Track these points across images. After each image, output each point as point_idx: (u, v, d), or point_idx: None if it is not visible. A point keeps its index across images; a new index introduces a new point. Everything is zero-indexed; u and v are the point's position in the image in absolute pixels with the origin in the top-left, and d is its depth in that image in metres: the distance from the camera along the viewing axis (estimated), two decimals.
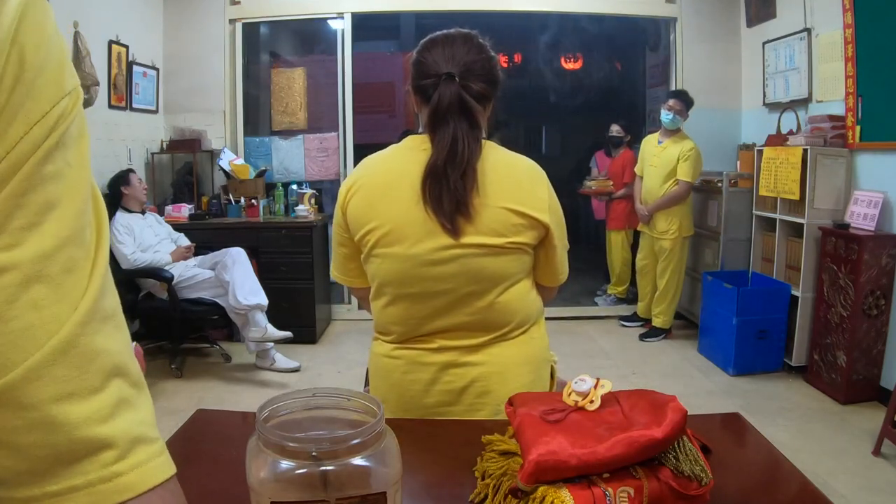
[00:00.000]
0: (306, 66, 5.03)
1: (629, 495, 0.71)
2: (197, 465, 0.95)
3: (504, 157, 1.25)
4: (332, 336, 4.53)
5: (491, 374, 1.23)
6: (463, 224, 1.15)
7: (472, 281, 1.18)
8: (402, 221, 1.18)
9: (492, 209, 1.17)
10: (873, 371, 3.23)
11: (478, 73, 1.21)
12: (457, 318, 1.21)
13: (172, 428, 1.08)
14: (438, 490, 0.84)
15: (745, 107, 4.74)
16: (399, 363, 1.25)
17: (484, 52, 1.23)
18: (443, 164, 1.14)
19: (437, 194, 1.14)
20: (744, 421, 1.10)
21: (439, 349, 1.22)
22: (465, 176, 1.15)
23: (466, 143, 1.16)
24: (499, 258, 1.18)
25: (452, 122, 1.16)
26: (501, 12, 4.81)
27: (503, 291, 1.21)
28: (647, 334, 4.43)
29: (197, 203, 4.55)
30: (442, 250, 1.16)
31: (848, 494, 2.40)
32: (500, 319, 1.23)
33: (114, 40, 3.96)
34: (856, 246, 3.16)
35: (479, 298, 1.20)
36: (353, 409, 0.70)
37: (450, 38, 1.23)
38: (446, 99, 1.16)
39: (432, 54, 1.21)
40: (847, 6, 3.41)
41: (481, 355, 1.23)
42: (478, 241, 1.16)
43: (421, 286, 1.19)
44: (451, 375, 1.22)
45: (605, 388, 0.83)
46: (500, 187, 1.18)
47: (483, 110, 1.25)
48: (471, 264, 1.17)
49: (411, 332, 1.24)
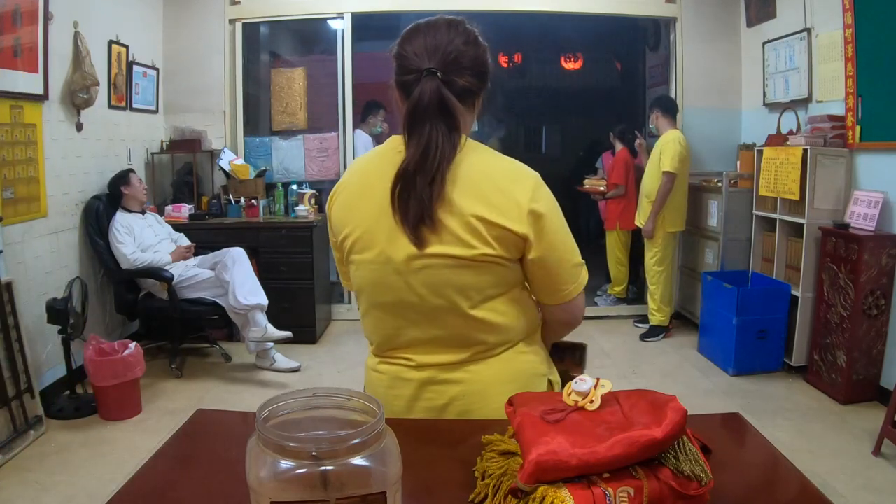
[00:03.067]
0: (306, 66, 5.03)
1: (629, 495, 0.71)
2: (197, 465, 0.95)
3: (483, 159, 1.12)
4: (332, 336, 4.53)
5: (470, 394, 1.15)
6: (427, 234, 1.07)
7: (438, 294, 1.10)
8: (373, 227, 1.11)
9: (459, 218, 1.06)
10: (873, 371, 3.23)
11: (465, 66, 1.11)
12: (430, 331, 1.14)
13: (172, 428, 1.08)
14: (438, 490, 0.84)
15: (745, 107, 4.74)
16: (383, 378, 1.20)
17: (471, 41, 1.13)
18: (413, 171, 1.06)
19: (405, 201, 1.06)
20: (744, 421, 1.10)
21: (419, 366, 1.16)
22: (434, 183, 1.05)
23: (439, 148, 1.06)
24: (466, 271, 1.08)
25: (429, 124, 1.07)
26: (501, 12, 4.80)
27: (477, 306, 1.11)
28: (647, 334, 4.43)
29: (197, 203, 4.55)
30: (410, 260, 1.09)
31: (848, 494, 2.40)
32: (476, 335, 1.14)
33: (114, 40, 3.96)
34: (856, 246, 3.16)
35: (449, 312, 1.11)
36: (353, 409, 0.70)
37: (432, 26, 1.12)
38: (425, 98, 1.07)
39: (413, 45, 1.11)
40: (847, 6, 3.41)
41: (461, 373, 1.15)
42: (441, 251, 1.07)
43: (393, 295, 1.13)
44: (431, 393, 1.16)
45: (605, 388, 0.83)
46: (471, 194, 1.07)
47: (470, 107, 1.16)
48: (436, 276, 1.09)
49: (388, 342, 1.19)
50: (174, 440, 1.02)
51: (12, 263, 2.99)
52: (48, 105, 3.30)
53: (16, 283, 2.87)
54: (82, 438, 2.88)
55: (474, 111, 1.19)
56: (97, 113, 3.75)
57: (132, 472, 0.91)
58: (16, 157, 3.04)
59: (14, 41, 3.01)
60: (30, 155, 3.15)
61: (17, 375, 2.79)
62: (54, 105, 3.37)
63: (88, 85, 3.50)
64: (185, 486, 0.88)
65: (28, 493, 2.41)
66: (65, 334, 3.07)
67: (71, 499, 2.39)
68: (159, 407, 3.27)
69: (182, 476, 0.92)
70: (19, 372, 2.80)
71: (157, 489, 0.87)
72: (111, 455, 2.74)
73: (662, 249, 4.31)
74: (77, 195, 3.62)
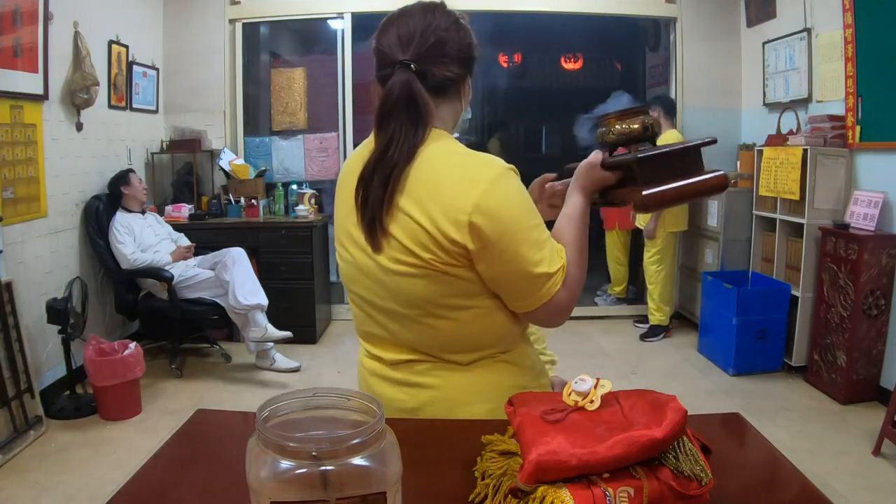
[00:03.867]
0: (306, 66, 5.03)
1: (629, 495, 0.71)
2: (197, 465, 0.95)
3: (437, 155, 1.01)
4: (332, 336, 4.53)
5: (438, 401, 1.09)
6: (380, 238, 1.01)
7: (396, 300, 1.04)
8: (346, 223, 1.09)
9: (404, 223, 0.99)
10: (873, 371, 3.23)
11: (445, 54, 1.03)
12: (391, 327, 1.09)
13: (172, 428, 1.08)
14: (438, 490, 0.84)
15: (745, 107, 4.74)
16: (364, 373, 1.19)
17: (451, 25, 1.04)
18: (371, 171, 1.01)
19: (364, 203, 1.02)
20: (744, 421, 1.10)
21: (392, 363, 1.12)
22: (387, 185, 0.99)
23: (398, 147, 0.99)
24: (417, 280, 1.00)
25: (395, 121, 1.00)
26: (501, 12, 4.81)
27: (434, 316, 1.03)
28: (647, 334, 4.44)
29: (197, 203, 4.55)
30: (369, 261, 1.05)
31: (848, 494, 2.40)
32: (441, 345, 1.07)
33: (114, 40, 3.96)
34: (856, 246, 3.16)
35: (405, 318, 1.05)
36: (353, 409, 0.70)
37: (406, 14, 1.05)
38: (394, 92, 1.00)
39: (388, 37, 1.04)
40: (847, 6, 3.41)
41: (431, 378, 1.09)
42: (391, 257, 1.01)
43: (363, 291, 1.10)
44: (404, 394, 1.11)
45: (605, 388, 0.83)
46: (414, 197, 0.99)
47: (454, 96, 1.09)
48: (391, 282, 1.03)
49: (364, 336, 1.18)
50: (174, 440, 1.02)
51: (12, 263, 2.99)
52: (48, 105, 3.30)
53: (16, 283, 2.88)
54: (82, 438, 2.88)
55: (461, 99, 1.11)
56: (97, 113, 3.75)
57: (132, 472, 0.91)
58: (16, 157, 3.04)
59: (14, 41, 3.01)
60: (30, 155, 3.15)
61: (17, 375, 2.79)
62: (54, 105, 3.37)
63: (88, 85, 3.50)
64: (185, 486, 0.88)
65: (28, 493, 2.41)
66: (65, 334, 3.07)
67: (71, 499, 2.39)
68: (159, 407, 3.27)
69: (182, 476, 0.92)
70: (19, 372, 2.80)
71: (157, 489, 0.87)
72: (111, 455, 2.74)
73: (662, 249, 4.31)
74: (77, 195, 3.62)
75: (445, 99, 1.08)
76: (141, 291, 3.79)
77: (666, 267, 4.36)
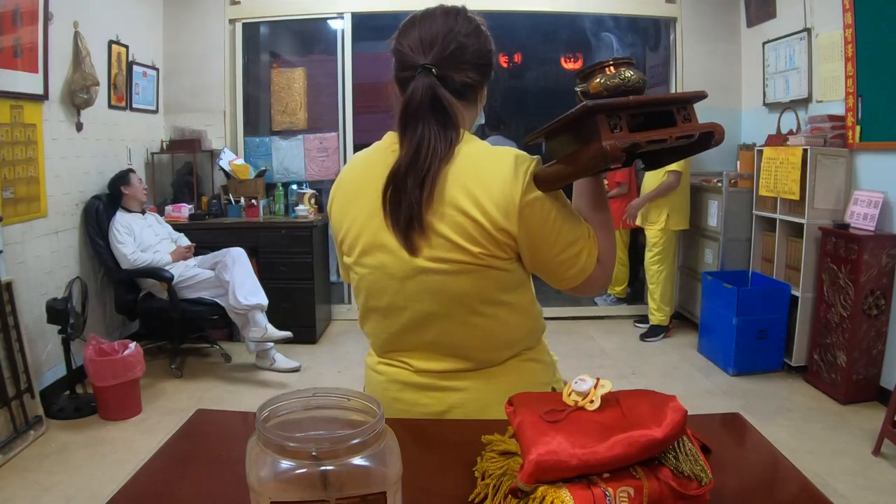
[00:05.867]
0: (306, 66, 5.03)
1: (629, 495, 0.71)
2: (197, 465, 0.95)
3: (475, 151, 1.05)
4: (332, 336, 4.53)
5: (469, 402, 1.10)
6: (417, 240, 1.02)
7: (434, 301, 1.05)
8: (366, 230, 1.07)
9: (449, 219, 1.01)
10: (873, 371, 3.23)
11: (465, 60, 1.05)
12: (428, 337, 1.09)
13: (172, 428, 1.08)
14: (438, 490, 0.84)
15: (745, 107, 4.74)
16: (382, 379, 1.17)
17: (471, 31, 1.07)
18: (404, 172, 1.01)
19: (395, 205, 1.02)
20: (744, 421, 1.10)
21: (418, 371, 1.12)
22: (424, 185, 1.00)
23: (431, 147, 1.01)
24: (462, 276, 1.02)
25: (422, 122, 1.02)
26: (501, 12, 4.80)
27: (476, 313, 1.06)
28: (647, 334, 4.44)
29: (197, 203, 4.55)
30: (403, 266, 1.04)
31: (848, 494, 2.40)
32: (476, 344, 1.09)
33: (114, 40, 3.96)
34: (856, 246, 3.16)
35: (447, 320, 1.06)
36: (353, 409, 0.70)
37: (429, 16, 1.07)
38: (418, 96, 1.02)
39: (409, 39, 1.06)
40: (847, 6, 3.40)
41: (462, 381, 1.11)
42: (433, 256, 1.02)
43: (389, 300, 1.08)
44: (429, 398, 1.12)
45: (605, 388, 0.83)
46: (459, 192, 1.01)
47: (472, 100, 1.12)
48: (431, 283, 1.03)
49: (387, 345, 1.16)
50: (174, 440, 1.02)
51: (12, 263, 2.99)
52: (48, 105, 3.30)
53: (16, 283, 2.88)
54: (82, 438, 2.88)
55: (477, 104, 1.15)
56: (97, 113, 3.75)
57: (132, 472, 0.91)
58: (16, 157, 3.04)
59: (14, 41, 3.01)
60: (30, 155, 3.15)
61: (17, 375, 2.79)
62: (54, 105, 3.37)
63: (88, 85, 3.50)
64: (185, 486, 0.88)
65: (28, 493, 2.41)
66: (65, 334, 3.07)
67: (71, 499, 2.39)
68: (159, 407, 3.27)
69: (182, 476, 0.91)
70: (19, 372, 2.80)
71: (157, 489, 0.87)
72: (111, 455, 2.74)
73: (663, 249, 4.31)
74: (77, 195, 3.62)
75: (463, 103, 1.10)
76: (141, 291, 3.79)
77: (667, 267, 4.37)
